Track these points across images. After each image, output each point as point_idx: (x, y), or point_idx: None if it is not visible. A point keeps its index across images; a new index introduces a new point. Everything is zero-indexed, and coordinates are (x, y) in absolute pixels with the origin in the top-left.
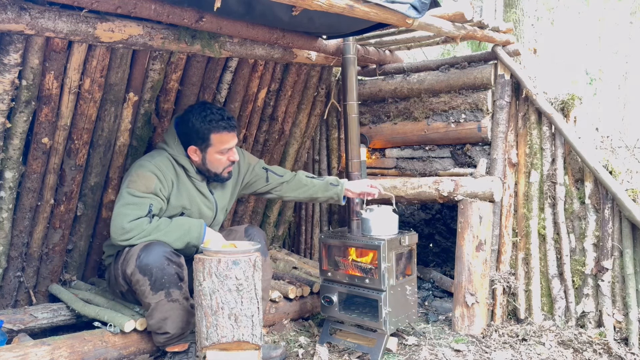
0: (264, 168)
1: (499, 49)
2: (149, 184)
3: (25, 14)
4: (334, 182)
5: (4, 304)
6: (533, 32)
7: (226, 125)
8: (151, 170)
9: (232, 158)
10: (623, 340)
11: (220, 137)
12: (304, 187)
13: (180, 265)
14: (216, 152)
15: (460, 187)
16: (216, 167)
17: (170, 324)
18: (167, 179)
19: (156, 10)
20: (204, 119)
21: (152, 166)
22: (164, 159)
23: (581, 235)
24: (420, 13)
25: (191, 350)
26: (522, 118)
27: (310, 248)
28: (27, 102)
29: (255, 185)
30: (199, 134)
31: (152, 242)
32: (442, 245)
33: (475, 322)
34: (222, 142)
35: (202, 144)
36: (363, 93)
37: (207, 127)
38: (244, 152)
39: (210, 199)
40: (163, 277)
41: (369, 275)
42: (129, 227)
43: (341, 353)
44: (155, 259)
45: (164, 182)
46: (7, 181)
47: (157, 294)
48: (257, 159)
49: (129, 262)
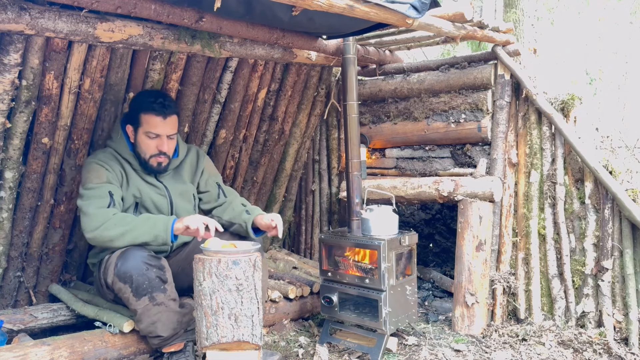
0: (217, 184)
1: (499, 49)
2: (100, 174)
3: (25, 14)
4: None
5: (4, 304)
6: (533, 32)
7: (156, 108)
8: (97, 163)
9: (160, 147)
10: (623, 340)
11: (148, 118)
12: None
13: (160, 268)
14: (144, 134)
15: (460, 187)
16: (144, 151)
17: (161, 327)
18: (114, 170)
19: (156, 10)
20: (138, 97)
21: (97, 160)
22: (107, 154)
23: (581, 235)
24: (420, 13)
25: (187, 349)
26: (522, 118)
27: (310, 248)
28: (27, 102)
29: (205, 198)
30: (132, 112)
31: (129, 249)
32: (442, 245)
33: (475, 322)
34: (149, 124)
35: (134, 123)
36: (363, 93)
37: (138, 105)
38: (206, 155)
39: (159, 186)
40: (144, 283)
41: (369, 275)
42: (94, 214)
43: (341, 353)
44: (133, 265)
45: (112, 172)
46: (7, 181)
47: (141, 300)
48: (217, 171)
49: (108, 271)
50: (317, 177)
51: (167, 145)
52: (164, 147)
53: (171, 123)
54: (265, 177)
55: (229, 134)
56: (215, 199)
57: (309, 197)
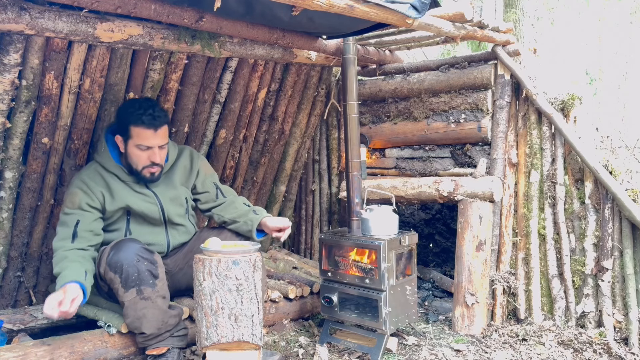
0: (214, 184)
1: (499, 49)
2: (75, 200)
3: (25, 14)
4: (257, 211)
5: (4, 304)
6: (533, 32)
7: (146, 121)
8: (77, 185)
9: (152, 158)
10: (623, 340)
11: (138, 131)
12: (232, 207)
13: (153, 262)
14: (135, 146)
15: (460, 187)
16: (136, 162)
17: (146, 323)
18: (94, 190)
19: (156, 10)
20: (127, 108)
21: (78, 181)
22: (91, 171)
23: (581, 235)
24: (420, 13)
25: (170, 355)
26: (522, 118)
27: (310, 248)
28: (27, 102)
29: (203, 198)
30: (120, 124)
31: (124, 239)
32: (442, 245)
33: (475, 322)
34: (139, 137)
35: (124, 135)
36: (363, 93)
37: (127, 118)
38: (200, 156)
39: (149, 194)
40: (134, 274)
41: (369, 275)
42: (55, 246)
43: (341, 353)
44: (125, 255)
45: (91, 194)
46: (7, 181)
47: (128, 292)
48: (212, 170)
49: (101, 260)
50: (317, 177)
51: (159, 156)
52: (156, 158)
53: (162, 134)
54: (265, 177)
55: (229, 134)
56: (213, 199)
57: (309, 197)
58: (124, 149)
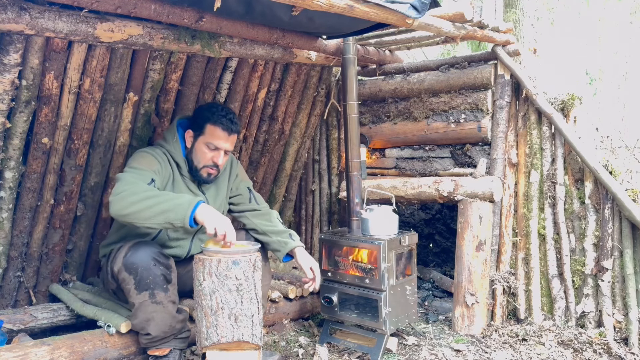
0: (248, 189)
1: (499, 49)
2: (151, 163)
3: (25, 14)
4: (293, 236)
5: (4, 304)
6: (533, 32)
7: (225, 122)
8: (150, 154)
9: (215, 159)
10: (623, 340)
11: (214, 130)
12: (265, 219)
13: (168, 267)
14: (204, 144)
15: (460, 187)
16: (198, 159)
17: (153, 326)
18: (164, 168)
19: (156, 10)
20: (209, 108)
21: (151, 152)
22: (160, 152)
23: (581, 235)
24: (420, 13)
25: (172, 356)
26: (522, 118)
27: (310, 248)
28: (27, 102)
29: (236, 200)
30: (197, 120)
31: (141, 242)
32: (442, 245)
33: (475, 322)
34: (212, 136)
35: (197, 130)
36: (363, 93)
37: (207, 115)
38: (239, 164)
39: (200, 196)
40: (148, 277)
41: (369, 275)
42: (129, 181)
43: (341, 353)
44: (141, 258)
45: (162, 170)
46: (7, 181)
47: (141, 294)
48: (248, 178)
49: (116, 259)
50: (317, 177)
51: (222, 160)
52: (219, 160)
53: (232, 140)
54: (265, 177)
55: None
56: (246, 202)
57: (309, 197)
58: (191, 144)
